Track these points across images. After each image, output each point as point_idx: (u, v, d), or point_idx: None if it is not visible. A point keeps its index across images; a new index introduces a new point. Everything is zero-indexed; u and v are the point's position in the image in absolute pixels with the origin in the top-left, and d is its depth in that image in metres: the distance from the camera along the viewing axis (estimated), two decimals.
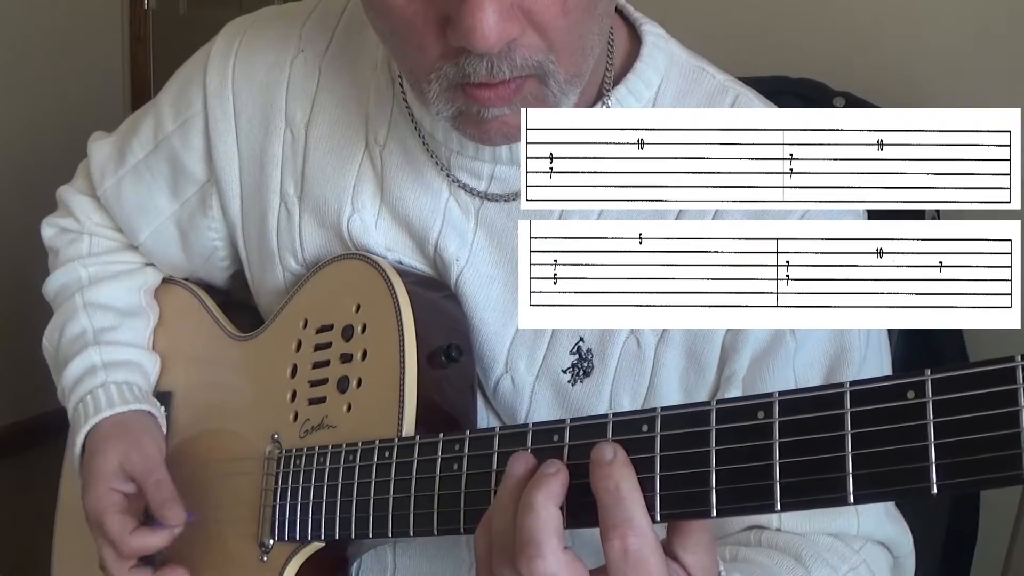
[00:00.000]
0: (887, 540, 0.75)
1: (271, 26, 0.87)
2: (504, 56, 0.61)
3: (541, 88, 0.64)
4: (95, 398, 0.88)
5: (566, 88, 0.65)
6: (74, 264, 0.97)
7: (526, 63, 0.62)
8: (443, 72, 0.63)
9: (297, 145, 0.84)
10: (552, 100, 0.66)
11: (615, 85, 0.76)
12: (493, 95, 0.63)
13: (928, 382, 0.46)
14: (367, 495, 0.69)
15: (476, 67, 0.61)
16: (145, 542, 0.82)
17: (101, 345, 0.91)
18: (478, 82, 0.62)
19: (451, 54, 0.62)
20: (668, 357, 0.75)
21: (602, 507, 0.52)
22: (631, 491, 0.52)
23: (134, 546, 0.82)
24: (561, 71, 0.64)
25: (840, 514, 0.73)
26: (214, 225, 0.91)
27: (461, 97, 0.65)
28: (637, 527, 0.51)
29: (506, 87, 0.63)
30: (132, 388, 0.90)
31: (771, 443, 0.50)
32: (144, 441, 0.86)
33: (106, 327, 0.93)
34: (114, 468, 0.85)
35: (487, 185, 0.77)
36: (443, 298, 0.79)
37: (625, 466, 0.53)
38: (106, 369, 0.90)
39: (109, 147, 0.95)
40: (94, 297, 0.95)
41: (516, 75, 0.62)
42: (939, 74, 1.37)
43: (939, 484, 0.45)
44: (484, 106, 0.64)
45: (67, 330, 0.93)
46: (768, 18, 1.53)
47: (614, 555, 0.51)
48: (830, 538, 0.73)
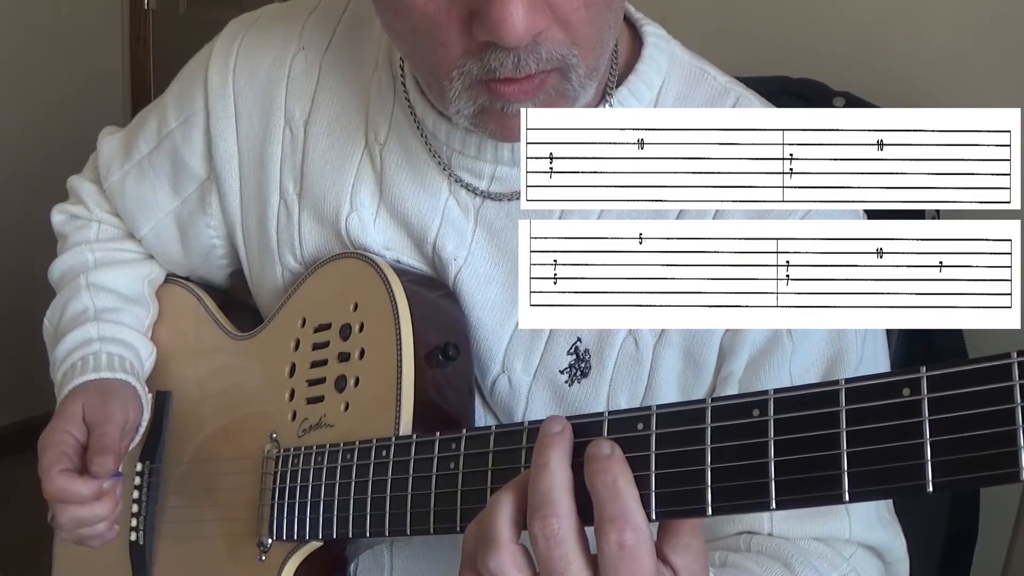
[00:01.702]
0: (878, 545, 0.75)
1: (273, 24, 0.87)
2: (531, 50, 0.61)
3: (563, 82, 0.65)
4: (84, 361, 0.89)
5: (585, 82, 0.66)
6: (81, 248, 0.97)
7: (551, 56, 0.62)
8: (466, 69, 0.63)
9: (296, 143, 0.84)
10: (572, 95, 0.66)
11: (617, 86, 0.76)
12: (518, 90, 0.63)
13: (923, 379, 0.46)
14: (364, 494, 0.69)
15: (503, 61, 0.61)
16: (67, 485, 0.80)
17: (100, 322, 0.92)
18: (503, 77, 0.62)
19: (475, 50, 0.62)
20: (666, 358, 0.75)
21: (598, 502, 0.52)
22: (627, 486, 0.52)
23: (57, 485, 0.80)
24: (582, 65, 0.64)
25: (832, 517, 0.73)
26: (213, 223, 0.91)
27: (484, 93, 0.65)
28: (633, 522, 0.51)
29: (530, 81, 0.63)
30: (125, 362, 0.90)
31: (766, 441, 0.50)
32: (112, 401, 0.86)
33: (108, 308, 0.93)
34: (77, 412, 0.84)
35: (488, 184, 0.77)
36: (441, 297, 0.79)
37: (622, 462, 0.53)
38: (101, 341, 0.91)
39: (117, 142, 0.96)
40: (98, 279, 0.95)
41: (541, 69, 0.62)
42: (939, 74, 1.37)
43: (935, 482, 0.45)
44: (508, 101, 0.64)
45: (68, 308, 0.94)
46: (768, 18, 1.53)
47: (609, 549, 0.51)
48: (820, 544, 0.73)
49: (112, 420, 0.84)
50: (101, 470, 0.80)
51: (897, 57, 1.40)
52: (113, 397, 0.87)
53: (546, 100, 0.65)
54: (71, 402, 0.85)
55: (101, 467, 0.80)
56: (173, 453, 0.92)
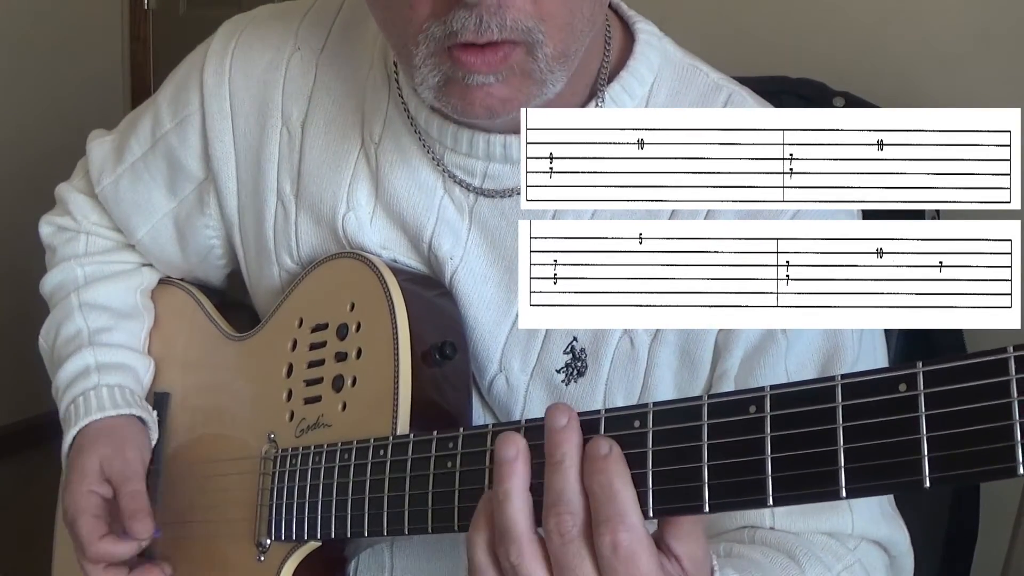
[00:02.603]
0: (882, 539, 0.75)
1: (268, 24, 0.87)
2: (493, 11, 0.61)
3: (528, 61, 0.64)
4: (87, 400, 0.88)
5: (553, 65, 0.65)
6: (70, 263, 0.97)
7: (516, 26, 0.62)
8: (430, 33, 0.63)
9: (294, 143, 0.84)
10: (538, 75, 0.66)
11: (609, 82, 0.76)
12: (480, 60, 0.63)
13: (920, 374, 0.46)
14: (362, 494, 0.69)
15: (464, 22, 0.61)
16: (110, 550, 0.82)
17: (96, 347, 0.91)
18: (465, 41, 0.62)
19: (441, 10, 0.62)
20: (662, 356, 0.75)
21: (594, 502, 0.52)
22: (624, 486, 0.52)
23: (100, 552, 0.82)
24: (549, 44, 0.64)
25: (834, 513, 0.73)
26: (211, 223, 0.91)
27: (447, 61, 0.65)
28: (628, 523, 0.51)
29: (494, 53, 0.63)
30: (125, 392, 0.90)
31: (763, 437, 0.50)
32: (127, 448, 0.86)
33: (101, 328, 0.93)
34: (95, 469, 0.85)
35: (481, 181, 0.77)
36: (437, 296, 0.79)
37: (620, 460, 0.53)
38: (99, 371, 0.90)
39: (108, 145, 0.95)
40: (90, 297, 0.95)
41: (504, 37, 0.62)
42: (939, 74, 1.37)
43: (931, 477, 0.45)
44: (469, 71, 0.64)
45: (63, 330, 0.93)
46: (768, 18, 1.53)
47: (604, 550, 0.51)
48: (825, 537, 0.73)
49: (136, 475, 0.85)
50: (143, 534, 0.82)
51: (897, 57, 1.40)
52: (127, 442, 0.87)
53: (509, 77, 0.65)
54: (86, 457, 0.85)
55: (142, 531, 0.82)
56: (171, 454, 0.92)
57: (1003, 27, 1.32)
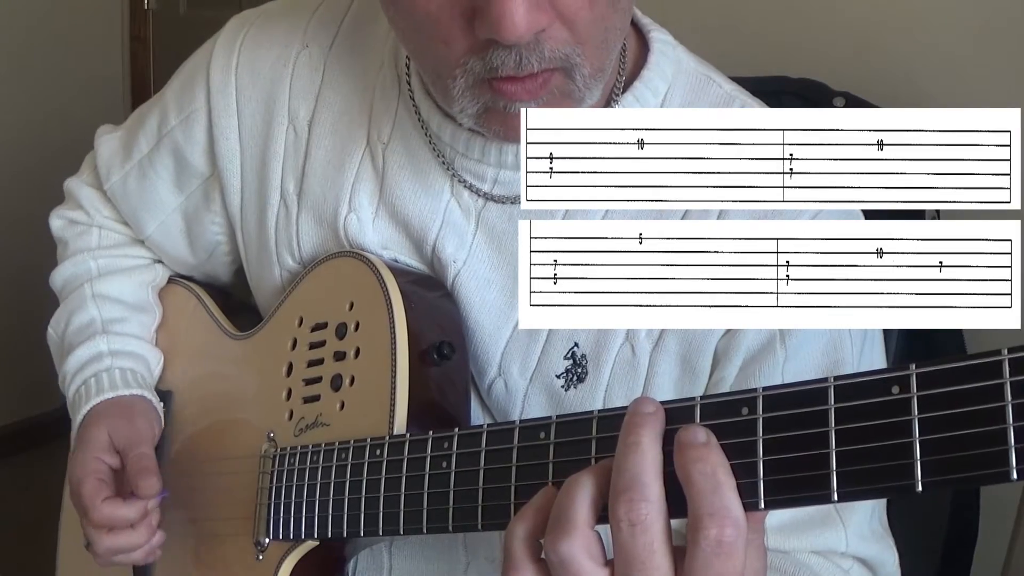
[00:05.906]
0: (870, 559, 0.74)
1: (276, 21, 0.87)
2: (532, 48, 0.61)
3: (567, 82, 0.65)
4: (99, 380, 0.89)
5: (591, 83, 0.65)
6: (83, 255, 0.97)
7: (554, 55, 0.62)
8: (469, 67, 0.63)
9: (300, 142, 0.84)
10: (577, 95, 0.66)
11: (623, 92, 0.76)
12: (520, 89, 0.63)
13: (913, 376, 0.45)
14: (358, 493, 0.69)
15: (504, 60, 0.61)
16: (115, 512, 0.81)
17: (109, 335, 0.92)
18: (505, 76, 0.62)
19: (478, 48, 0.62)
20: (662, 364, 0.75)
21: (696, 493, 0.48)
22: (727, 477, 0.48)
23: (104, 513, 0.81)
24: (587, 64, 0.64)
25: (827, 529, 0.72)
26: (217, 220, 0.91)
27: (487, 92, 0.64)
28: (734, 516, 0.47)
29: (533, 81, 0.63)
30: (137, 375, 0.91)
31: (755, 440, 0.49)
32: (137, 419, 0.86)
33: (115, 318, 0.93)
34: (103, 439, 0.84)
35: (491, 187, 0.77)
36: (438, 297, 0.79)
37: (719, 451, 0.49)
38: (112, 356, 0.90)
39: (116, 142, 0.95)
40: (103, 289, 0.95)
41: (544, 68, 0.62)
42: (939, 74, 1.37)
43: (924, 481, 0.44)
44: (511, 100, 0.64)
45: (74, 319, 0.93)
46: (768, 18, 1.53)
47: (707, 544, 0.47)
48: (819, 557, 0.72)
49: (145, 440, 0.85)
50: (149, 491, 0.81)
51: (897, 57, 1.40)
52: (137, 415, 0.87)
53: (550, 100, 0.65)
54: (95, 428, 0.85)
55: (148, 488, 0.81)
56: (172, 452, 0.92)
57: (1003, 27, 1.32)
